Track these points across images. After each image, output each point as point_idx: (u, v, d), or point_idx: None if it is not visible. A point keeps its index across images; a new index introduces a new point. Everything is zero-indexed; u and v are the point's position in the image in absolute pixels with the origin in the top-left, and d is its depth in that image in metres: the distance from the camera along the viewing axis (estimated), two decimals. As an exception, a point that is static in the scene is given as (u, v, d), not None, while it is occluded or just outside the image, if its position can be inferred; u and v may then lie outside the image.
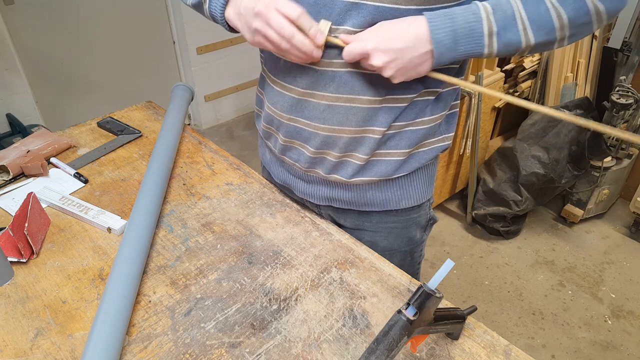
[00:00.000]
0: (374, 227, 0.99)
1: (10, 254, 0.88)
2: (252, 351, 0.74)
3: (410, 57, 0.68)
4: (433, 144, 0.90)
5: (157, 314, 0.80)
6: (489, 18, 0.67)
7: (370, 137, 0.83)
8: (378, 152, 0.87)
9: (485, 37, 0.68)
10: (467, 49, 0.69)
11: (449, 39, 0.67)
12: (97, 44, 2.55)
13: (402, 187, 0.92)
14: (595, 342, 1.80)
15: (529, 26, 0.67)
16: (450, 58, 0.70)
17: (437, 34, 0.67)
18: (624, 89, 2.08)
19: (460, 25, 0.67)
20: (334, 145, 0.85)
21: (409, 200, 0.94)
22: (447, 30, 0.67)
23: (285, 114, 0.87)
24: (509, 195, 2.22)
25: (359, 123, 0.82)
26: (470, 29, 0.67)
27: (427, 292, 0.63)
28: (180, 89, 1.33)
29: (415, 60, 0.69)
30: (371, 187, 0.92)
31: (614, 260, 2.18)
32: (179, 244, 0.94)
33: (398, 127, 0.84)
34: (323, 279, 0.87)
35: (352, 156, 0.87)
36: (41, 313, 0.80)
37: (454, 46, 0.68)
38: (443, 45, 0.68)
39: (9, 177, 1.10)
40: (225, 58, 3.04)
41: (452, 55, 0.69)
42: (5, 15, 2.17)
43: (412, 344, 0.70)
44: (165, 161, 1.09)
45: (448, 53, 0.69)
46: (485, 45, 0.68)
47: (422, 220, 1.00)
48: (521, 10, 0.67)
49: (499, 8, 0.67)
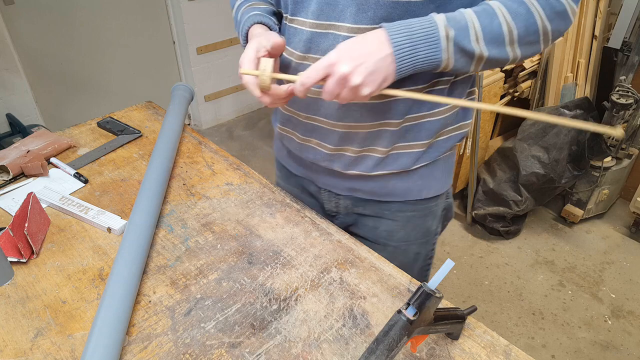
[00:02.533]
0: (392, 216, 1.00)
1: (10, 254, 0.88)
2: (252, 351, 0.74)
3: (375, 60, 0.68)
4: (451, 132, 0.91)
5: (157, 314, 0.80)
6: (445, 25, 0.69)
7: (387, 129, 0.86)
8: (398, 144, 0.89)
9: (442, 40, 0.69)
10: (426, 53, 0.69)
11: (407, 42, 0.68)
12: (97, 44, 2.55)
13: (422, 177, 0.93)
14: (595, 342, 1.80)
15: (482, 37, 0.70)
16: (410, 64, 0.70)
17: (395, 38, 0.68)
18: (624, 89, 2.08)
19: (417, 30, 0.69)
20: (352, 141, 0.88)
21: (430, 190, 0.96)
22: (405, 34, 0.68)
23: (302, 113, 0.91)
24: (509, 195, 2.22)
25: (375, 117, 0.84)
26: (427, 33, 0.68)
27: (427, 292, 0.63)
28: (180, 89, 1.33)
29: (380, 64, 0.68)
30: (392, 177, 0.93)
31: (614, 260, 2.18)
32: (179, 244, 0.94)
33: (415, 119, 0.86)
34: (323, 279, 0.87)
35: (372, 150, 0.89)
36: (41, 313, 0.80)
37: (413, 50, 0.69)
38: (402, 48, 0.68)
39: (9, 177, 1.10)
40: (225, 58, 3.04)
41: (412, 59, 0.70)
42: (5, 15, 2.17)
43: (412, 344, 0.70)
44: (165, 161, 1.09)
45: (408, 57, 0.69)
46: (442, 49, 0.69)
47: (438, 211, 1.01)
48: (475, 22, 0.69)
49: (453, 18, 0.70)
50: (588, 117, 2.13)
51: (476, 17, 0.69)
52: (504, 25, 0.70)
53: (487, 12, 0.70)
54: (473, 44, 0.69)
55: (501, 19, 0.70)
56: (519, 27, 0.70)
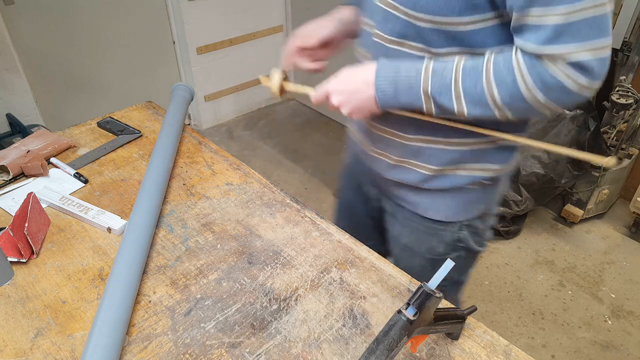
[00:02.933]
0: (402, 221, 1.00)
1: (10, 254, 0.88)
2: (252, 351, 0.74)
3: (360, 98, 0.79)
4: (472, 170, 0.88)
5: (157, 314, 0.80)
6: (427, 79, 0.73)
7: (397, 140, 0.88)
8: (408, 160, 0.89)
9: (422, 95, 0.74)
10: (408, 101, 0.76)
11: (390, 89, 0.76)
12: (97, 44, 2.55)
13: (431, 198, 0.92)
14: (595, 342, 1.80)
15: (463, 97, 0.72)
16: (394, 105, 0.78)
17: (380, 82, 0.76)
18: (624, 89, 2.08)
19: (402, 79, 0.74)
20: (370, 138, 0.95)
21: (437, 213, 0.94)
22: (390, 80, 0.75)
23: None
24: (509, 195, 2.22)
25: (389, 124, 0.87)
26: (409, 84, 0.74)
27: (427, 292, 0.63)
28: (180, 89, 1.33)
29: (364, 102, 0.79)
30: (402, 186, 0.95)
31: (614, 260, 2.18)
32: (179, 244, 0.94)
33: (424, 141, 0.85)
34: (323, 279, 0.87)
35: (383, 155, 0.92)
36: (41, 313, 0.80)
37: (395, 96, 0.76)
38: (384, 93, 0.76)
39: (9, 177, 1.10)
40: (225, 58, 3.04)
41: (395, 103, 0.77)
42: (5, 15, 2.17)
43: (412, 344, 0.70)
44: (165, 161, 1.09)
45: (390, 100, 0.77)
46: (423, 102, 0.75)
47: (446, 237, 0.96)
48: (459, 82, 0.71)
49: (440, 73, 0.72)
50: (588, 117, 2.13)
51: (462, 77, 0.71)
52: (486, 90, 0.70)
53: (475, 72, 0.71)
54: (453, 101, 0.73)
55: (484, 83, 0.70)
56: (503, 96, 0.70)
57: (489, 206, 0.96)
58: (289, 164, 2.83)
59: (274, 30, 3.16)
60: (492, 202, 0.96)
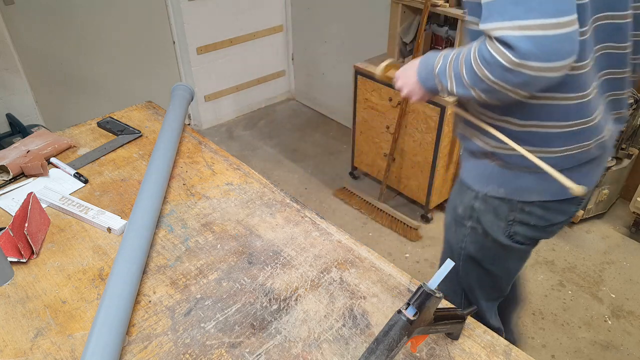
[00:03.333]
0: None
1: (10, 254, 0.88)
2: (252, 351, 0.74)
3: (411, 84, 0.96)
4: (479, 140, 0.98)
5: (157, 314, 0.80)
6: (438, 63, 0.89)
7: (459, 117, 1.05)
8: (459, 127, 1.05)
9: (434, 76, 0.90)
10: (431, 82, 0.92)
11: (423, 73, 0.93)
12: (97, 44, 2.55)
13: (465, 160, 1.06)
14: (595, 342, 1.80)
15: (453, 78, 0.85)
16: (430, 86, 0.92)
17: (420, 69, 0.94)
18: (624, 89, 2.08)
19: (430, 64, 0.91)
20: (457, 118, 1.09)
21: (462, 172, 1.07)
22: (424, 66, 0.93)
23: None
24: (509, 195, 2.22)
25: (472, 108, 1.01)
26: (431, 68, 0.91)
27: (427, 292, 0.63)
28: (180, 89, 1.33)
29: (414, 86, 0.96)
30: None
31: (614, 260, 2.18)
32: (179, 244, 0.94)
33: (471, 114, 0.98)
34: (323, 279, 0.87)
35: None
36: (41, 313, 0.80)
37: (427, 77, 0.92)
38: (420, 76, 0.94)
39: (9, 177, 1.10)
40: (225, 58, 3.04)
41: (429, 84, 0.92)
42: (5, 15, 2.17)
43: (412, 344, 0.70)
44: (165, 161, 1.09)
45: (426, 82, 0.93)
46: (435, 82, 0.90)
47: (465, 200, 1.05)
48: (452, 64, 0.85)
49: (446, 57, 0.87)
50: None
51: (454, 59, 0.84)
52: (461, 71, 0.82)
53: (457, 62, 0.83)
54: (448, 81, 0.86)
55: (460, 64, 0.82)
56: (467, 75, 0.80)
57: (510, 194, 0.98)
58: (289, 164, 2.83)
59: (274, 30, 3.16)
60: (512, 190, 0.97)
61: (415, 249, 2.21)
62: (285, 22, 3.18)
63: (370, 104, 2.30)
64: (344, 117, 3.09)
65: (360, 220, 2.38)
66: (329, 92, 3.13)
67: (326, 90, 3.15)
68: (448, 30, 2.06)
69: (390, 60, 1.14)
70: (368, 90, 2.26)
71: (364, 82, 2.25)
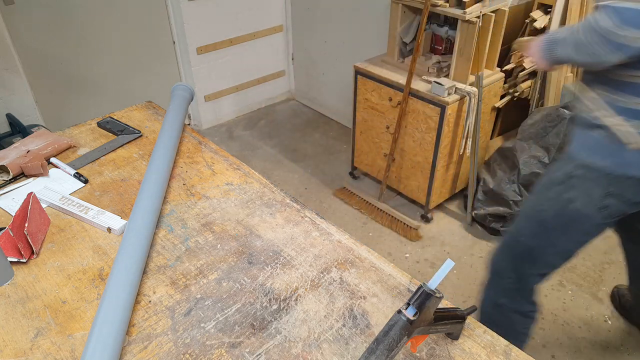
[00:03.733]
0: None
1: (10, 254, 0.88)
2: (252, 351, 0.74)
3: (536, 51, 1.18)
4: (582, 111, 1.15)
5: (157, 314, 0.80)
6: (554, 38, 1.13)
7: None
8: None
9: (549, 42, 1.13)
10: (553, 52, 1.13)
11: (545, 42, 1.16)
12: (97, 44, 2.55)
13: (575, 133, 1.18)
14: (595, 342, 1.80)
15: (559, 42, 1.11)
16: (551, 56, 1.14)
17: (544, 43, 1.16)
18: (624, 89, 2.07)
19: (550, 37, 1.15)
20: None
21: (571, 144, 1.19)
22: (545, 41, 1.16)
23: None
24: (509, 195, 2.22)
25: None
26: (549, 40, 1.14)
27: (427, 292, 0.63)
28: (180, 89, 1.33)
29: (538, 53, 1.17)
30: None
31: (614, 260, 2.18)
32: (179, 244, 0.94)
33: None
34: (323, 279, 0.87)
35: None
36: (41, 313, 0.80)
37: (549, 47, 1.14)
38: (543, 47, 1.16)
39: (9, 177, 1.10)
40: (225, 58, 3.04)
41: (550, 54, 1.14)
42: (5, 15, 2.17)
43: (412, 344, 0.70)
44: (165, 161, 1.09)
45: (547, 51, 1.15)
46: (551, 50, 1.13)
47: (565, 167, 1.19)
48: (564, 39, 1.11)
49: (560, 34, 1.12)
50: (588, 117, 2.13)
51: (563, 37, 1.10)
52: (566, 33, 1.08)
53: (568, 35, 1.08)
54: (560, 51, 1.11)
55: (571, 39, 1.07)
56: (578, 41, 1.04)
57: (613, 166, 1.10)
58: (289, 164, 2.83)
59: (274, 30, 3.16)
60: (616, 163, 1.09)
61: (415, 249, 2.21)
62: (285, 22, 3.18)
63: (370, 104, 2.30)
64: (344, 117, 3.09)
65: (360, 220, 2.38)
66: (329, 92, 3.13)
67: (326, 90, 3.15)
68: (448, 30, 2.06)
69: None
70: (368, 90, 2.26)
71: (364, 82, 2.26)
